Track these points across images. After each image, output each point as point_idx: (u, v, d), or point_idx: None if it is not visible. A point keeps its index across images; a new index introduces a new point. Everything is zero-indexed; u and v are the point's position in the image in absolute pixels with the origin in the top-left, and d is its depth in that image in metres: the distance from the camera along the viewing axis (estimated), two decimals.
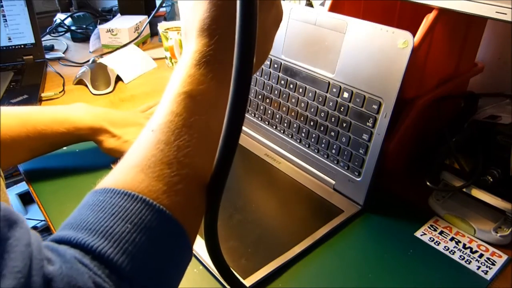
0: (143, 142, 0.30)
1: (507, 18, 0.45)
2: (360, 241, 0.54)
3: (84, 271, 0.24)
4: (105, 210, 0.27)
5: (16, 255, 0.22)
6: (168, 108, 0.30)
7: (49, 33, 1.26)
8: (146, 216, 0.26)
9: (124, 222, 0.26)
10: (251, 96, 0.73)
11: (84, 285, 0.24)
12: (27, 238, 0.23)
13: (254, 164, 0.68)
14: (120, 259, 0.25)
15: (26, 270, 0.22)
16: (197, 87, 0.31)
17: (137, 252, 0.26)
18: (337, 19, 0.57)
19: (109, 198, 0.27)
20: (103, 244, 0.25)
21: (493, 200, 0.53)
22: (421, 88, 0.60)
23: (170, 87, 0.32)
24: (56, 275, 0.23)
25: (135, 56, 1.07)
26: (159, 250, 0.27)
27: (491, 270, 0.49)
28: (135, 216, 0.26)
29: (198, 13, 0.32)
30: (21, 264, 0.22)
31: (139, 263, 0.26)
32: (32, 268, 0.22)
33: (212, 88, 0.31)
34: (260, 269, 0.47)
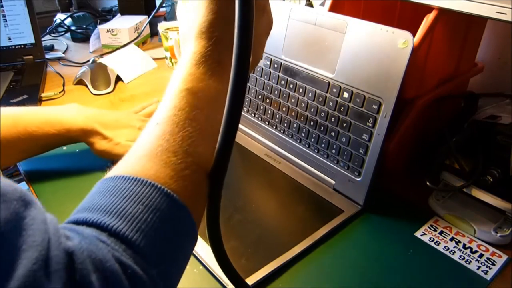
0: (149, 135, 0.32)
1: (507, 18, 0.45)
2: (360, 241, 0.54)
3: (103, 246, 0.26)
4: (117, 194, 0.28)
5: (33, 231, 0.22)
6: (171, 104, 0.33)
7: (49, 33, 1.26)
8: (155, 199, 0.28)
9: (136, 203, 0.28)
10: (251, 96, 0.73)
11: (104, 258, 0.25)
12: (43, 217, 0.24)
13: (254, 164, 0.68)
14: (135, 236, 0.27)
15: (45, 244, 0.23)
16: (197, 84, 0.33)
17: (149, 230, 0.27)
18: (337, 19, 0.57)
19: (120, 184, 0.29)
20: (118, 223, 0.27)
21: (493, 200, 0.53)
22: (421, 88, 0.60)
23: (172, 85, 0.34)
24: (77, 249, 0.25)
25: (135, 56, 1.07)
26: (167, 230, 0.29)
27: (491, 270, 0.49)
28: (146, 199, 0.28)
29: (196, 17, 0.35)
30: (39, 239, 0.22)
31: (151, 240, 0.27)
32: (51, 243, 0.23)
33: (212, 85, 0.34)
34: (260, 269, 0.47)
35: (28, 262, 0.21)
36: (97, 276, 0.24)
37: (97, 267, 0.25)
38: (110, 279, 0.25)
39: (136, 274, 0.26)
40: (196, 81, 0.33)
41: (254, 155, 0.70)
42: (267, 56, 0.69)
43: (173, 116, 0.32)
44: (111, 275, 0.25)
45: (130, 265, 0.26)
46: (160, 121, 0.32)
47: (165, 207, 0.29)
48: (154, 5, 1.28)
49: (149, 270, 0.27)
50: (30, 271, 0.21)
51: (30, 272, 0.21)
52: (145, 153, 0.31)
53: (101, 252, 0.25)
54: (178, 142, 0.31)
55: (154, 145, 0.31)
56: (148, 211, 0.28)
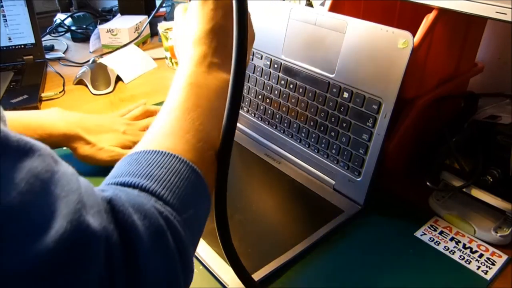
0: (162, 121, 0.36)
1: (507, 18, 0.45)
2: (360, 241, 0.54)
3: (142, 196, 0.29)
4: (142, 162, 0.32)
5: (68, 182, 0.24)
6: (178, 95, 0.38)
7: (49, 33, 1.26)
8: (180, 167, 0.32)
9: (161, 168, 0.31)
10: (251, 96, 0.73)
11: (141, 202, 0.28)
12: (72, 171, 0.26)
13: (254, 164, 0.68)
14: (168, 196, 0.30)
15: (82, 191, 0.24)
16: (199, 80, 0.39)
17: (178, 191, 0.31)
18: (337, 19, 0.57)
19: (144, 155, 0.32)
20: (151, 183, 0.30)
21: (493, 200, 0.53)
22: (421, 88, 0.60)
23: (176, 82, 0.39)
24: (113, 196, 0.27)
25: (135, 56, 1.07)
26: (192, 197, 0.32)
27: (491, 270, 0.49)
28: (173, 166, 0.32)
29: (195, 27, 0.42)
30: (75, 186, 0.24)
31: (181, 201, 0.31)
32: (88, 192, 0.25)
33: (212, 81, 0.40)
34: (260, 269, 0.47)
35: (71, 203, 0.22)
36: (138, 216, 0.27)
37: (137, 209, 0.27)
38: (150, 218, 0.27)
39: (168, 218, 0.29)
40: (198, 77, 0.39)
41: (254, 155, 0.70)
42: (267, 56, 0.69)
43: (181, 104, 0.37)
44: (150, 216, 0.27)
45: (163, 210, 0.29)
46: (170, 110, 0.37)
47: (189, 175, 0.32)
48: (154, 5, 1.28)
49: (177, 217, 0.30)
50: (74, 209, 0.22)
51: (74, 210, 0.22)
52: (161, 133, 0.35)
53: (139, 199, 0.28)
54: (189, 123, 0.35)
55: (168, 127, 0.35)
56: (177, 176, 0.31)
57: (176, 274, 0.29)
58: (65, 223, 0.21)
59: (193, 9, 0.43)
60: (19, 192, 0.20)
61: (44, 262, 0.20)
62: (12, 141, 0.21)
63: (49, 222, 0.21)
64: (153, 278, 0.27)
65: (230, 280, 0.46)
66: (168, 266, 0.28)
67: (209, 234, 0.51)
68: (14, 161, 0.20)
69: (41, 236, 0.20)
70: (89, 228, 0.22)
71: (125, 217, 0.26)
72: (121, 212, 0.26)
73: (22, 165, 0.21)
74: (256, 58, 0.71)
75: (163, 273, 0.28)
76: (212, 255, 0.49)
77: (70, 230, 0.21)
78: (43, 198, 0.21)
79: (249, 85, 0.73)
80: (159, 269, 0.28)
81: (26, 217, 0.20)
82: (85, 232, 0.22)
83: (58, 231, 0.20)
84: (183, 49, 0.42)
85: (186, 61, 0.41)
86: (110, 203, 0.26)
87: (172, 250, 0.29)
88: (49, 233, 0.20)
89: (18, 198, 0.20)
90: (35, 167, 0.21)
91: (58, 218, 0.21)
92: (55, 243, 0.20)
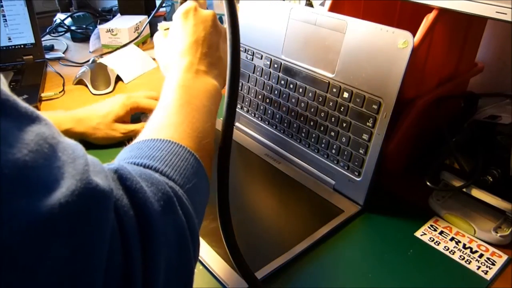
0: (157, 117, 0.39)
1: (507, 18, 0.45)
2: (360, 241, 0.54)
3: (150, 171, 0.31)
4: (143, 148, 0.34)
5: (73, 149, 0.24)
6: (171, 96, 0.41)
7: (49, 33, 1.26)
8: (179, 150, 0.34)
9: (161, 151, 0.33)
10: (251, 96, 0.73)
11: (148, 172, 0.30)
12: (76, 143, 0.26)
13: (254, 164, 0.68)
14: (171, 172, 0.32)
15: (87, 158, 0.25)
16: (189, 83, 0.43)
17: (179, 169, 0.33)
18: (337, 19, 0.57)
19: (144, 142, 0.35)
20: (153, 162, 0.32)
21: (493, 200, 0.53)
22: (421, 88, 0.60)
23: (167, 86, 0.43)
24: (119, 167, 0.28)
25: (135, 56, 1.07)
26: (192, 175, 0.34)
27: (491, 270, 0.49)
28: (172, 149, 0.34)
29: (179, 41, 0.47)
30: (81, 153, 0.25)
31: (182, 177, 0.33)
32: (91, 161, 0.25)
33: (200, 84, 0.44)
34: (260, 269, 0.47)
35: (78, 166, 0.23)
36: (145, 184, 0.28)
37: (143, 178, 0.29)
38: (157, 185, 0.29)
39: (173, 187, 0.31)
40: (188, 81, 0.43)
41: (254, 155, 0.70)
42: (267, 56, 0.69)
43: (175, 101, 0.40)
44: (157, 183, 0.29)
45: (168, 181, 0.31)
46: (165, 107, 0.40)
47: (188, 157, 0.35)
48: (154, 5, 1.28)
49: (180, 190, 0.32)
50: (82, 170, 0.23)
51: (82, 171, 0.23)
52: (160, 125, 0.38)
53: (145, 171, 0.30)
54: (184, 116, 0.39)
55: (166, 120, 0.38)
56: (182, 161, 0.34)
57: (186, 239, 0.30)
58: (74, 181, 0.22)
59: (177, 26, 0.48)
60: (30, 150, 0.20)
61: (56, 215, 0.20)
62: (21, 107, 0.22)
63: (59, 181, 0.21)
64: (165, 240, 0.28)
65: (230, 280, 0.46)
66: (178, 230, 0.30)
67: (209, 234, 0.51)
68: (23, 124, 0.21)
69: (53, 192, 0.21)
70: (98, 187, 0.23)
71: (133, 183, 0.27)
72: (129, 180, 0.27)
73: (30, 128, 0.21)
74: (256, 58, 0.71)
75: (174, 237, 0.29)
76: (212, 255, 0.49)
77: (80, 188, 0.22)
78: (51, 160, 0.22)
79: (249, 85, 0.73)
80: (170, 232, 0.29)
81: (37, 175, 0.20)
82: (94, 189, 0.23)
83: (69, 188, 0.21)
84: (170, 62, 0.47)
85: (174, 70, 0.45)
86: (117, 172, 0.28)
87: (180, 216, 0.30)
88: (59, 190, 0.21)
89: (29, 156, 0.20)
90: (42, 132, 0.22)
91: (67, 178, 0.22)
92: (67, 198, 0.21)
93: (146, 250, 0.26)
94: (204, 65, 0.46)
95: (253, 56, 0.71)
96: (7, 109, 0.21)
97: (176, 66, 0.45)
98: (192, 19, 0.47)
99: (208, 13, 0.49)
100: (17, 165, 0.20)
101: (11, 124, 0.20)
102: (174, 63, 0.46)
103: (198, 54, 0.46)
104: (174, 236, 0.29)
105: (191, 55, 0.46)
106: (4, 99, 0.21)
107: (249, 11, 0.72)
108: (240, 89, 0.75)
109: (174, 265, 0.29)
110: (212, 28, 0.48)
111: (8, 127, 0.20)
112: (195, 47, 0.46)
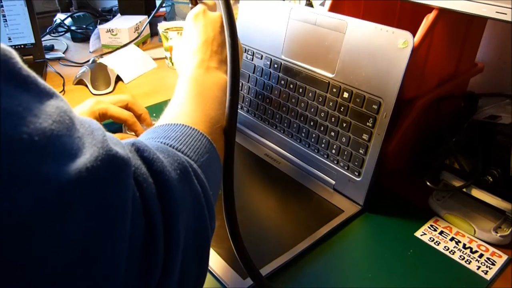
0: (171, 107, 0.42)
1: (507, 18, 0.45)
2: (360, 241, 0.54)
3: (168, 148, 0.32)
4: (158, 131, 0.36)
5: (89, 123, 0.25)
6: (183, 89, 0.44)
7: (49, 33, 1.26)
8: (193, 132, 0.37)
9: (176, 132, 0.36)
10: (251, 96, 0.73)
11: (164, 147, 0.32)
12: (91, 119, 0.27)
13: (254, 164, 0.68)
14: (185, 149, 0.34)
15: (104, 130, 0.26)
16: (200, 78, 0.46)
17: (192, 147, 0.35)
18: (337, 19, 0.57)
19: (159, 127, 0.37)
20: (168, 141, 0.34)
21: (493, 200, 0.53)
22: (421, 88, 0.60)
23: (180, 82, 0.46)
24: (136, 141, 0.30)
25: (135, 56, 1.07)
26: (205, 154, 0.36)
27: (491, 270, 0.49)
28: (186, 131, 0.36)
29: (191, 41, 0.51)
30: (97, 126, 0.26)
31: (196, 153, 0.35)
32: (108, 134, 0.26)
33: (211, 78, 0.47)
34: (260, 269, 0.47)
35: (97, 136, 0.24)
36: (162, 155, 0.30)
37: (160, 150, 0.31)
38: (173, 156, 0.31)
39: (188, 161, 0.32)
40: (199, 77, 0.47)
41: (254, 155, 0.70)
42: (267, 56, 0.69)
43: (187, 92, 0.43)
44: (173, 155, 0.31)
45: (182, 155, 0.32)
46: (178, 98, 0.43)
47: (201, 138, 0.37)
48: (154, 5, 1.28)
49: (194, 164, 0.33)
50: (102, 140, 0.24)
51: (102, 141, 0.24)
52: (173, 113, 0.40)
53: (161, 145, 0.32)
54: (196, 104, 0.42)
55: (179, 109, 0.41)
56: (198, 142, 0.36)
57: (202, 208, 0.32)
58: (96, 149, 0.23)
59: (188, 28, 0.52)
60: (54, 120, 0.22)
61: (84, 179, 0.21)
62: (40, 83, 0.23)
63: (82, 150, 0.22)
64: (184, 208, 0.29)
65: (230, 280, 0.46)
66: (195, 199, 0.31)
67: None
68: (44, 99, 0.22)
69: (77, 159, 0.22)
70: (118, 154, 0.24)
71: (150, 154, 0.29)
72: (146, 151, 0.29)
73: (50, 103, 0.23)
74: (256, 58, 0.71)
75: (191, 205, 0.30)
76: (212, 255, 0.49)
77: (102, 154, 0.23)
78: (72, 131, 0.23)
79: (249, 85, 0.73)
80: (187, 200, 0.30)
81: (62, 143, 0.22)
82: (115, 156, 0.24)
83: (92, 154, 0.23)
84: (184, 61, 0.50)
85: (187, 68, 0.48)
86: (134, 145, 0.29)
87: (196, 185, 0.31)
88: (84, 156, 0.22)
89: (54, 125, 0.22)
90: (61, 106, 0.23)
91: (88, 147, 0.23)
92: (92, 163, 0.22)
93: (166, 217, 0.27)
94: (214, 62, 0.49)
95: (253, 56, 0.71)
96: (29, 85, 0.22)
97: (188, 64, 0.49)
98: (202, 21, 0.51)
99: (216, 15, 0.52)
100: (45, 133, 0.21)
101: (33, 99, 0.22)
102: (187, 61, 0.49)
103: (209, 53, 0.49)
104: (191, 204, 0.30)
105: (202, 54, 0.49)
106: (25, 75, 0.22)
107: (249, 11, 0.72)
108: (240, 89, 0.75)
109: (191, 234, 0.30)
110: (220, 28, 0.51)
111: (31, 101, 0.21)
112: (205, 46, 0.49)
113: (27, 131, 0.20)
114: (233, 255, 0.49)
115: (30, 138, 0.20)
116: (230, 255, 0.49)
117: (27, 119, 0.20)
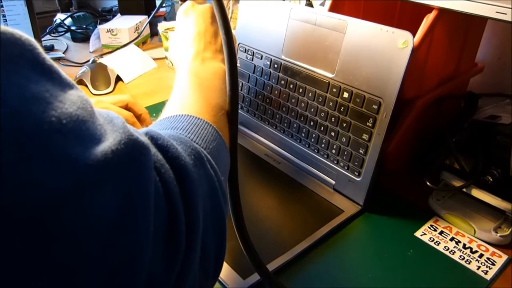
0: (173, 99, 0.43)
1: (507, 18, 0.45)
2: (360, 241, 0.54)
3: (180, 135, 0.33)
4: (164, 123, 0.37)
5: (107, 113, 0.27)
6: (183, 81, 0.45)
7: (49, 33, 1.26)
8: (199, 122, 0.37)
9: (182, 122, 0.37)
10: (251, 96, 0.73)
11: (179, 136, 0.33)
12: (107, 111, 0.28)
13: (254, 164, 0.68)
14: (194, 137, 0.35)
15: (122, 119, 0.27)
16: (198, 69, 0.47)
17: (200, 136, 0.36)
18: (337, 19, 0.57)
19: (165, 119, 0.38)
20: (177, 131, 0.35)
21: (493, 200, 0.53)
22: (421, 88, 0.60)
23: (179, 75, 0.47)
24: (149, 130, 0.30)
25: (135, 56, 1.07)
26: (212, 141, 0.37)
27: (491, 270, 0.49)
28: (192, 121, 0.37)
29: (187, 32, 0.51)
30: (115, 115, 0.27)
31: (204, 142, 0.36)
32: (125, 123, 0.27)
33: (208, 68, 0.47)
34: None
35: (118, 123, 0.25)
36: (176, 142, 0.31)
37: (173, 138, 0.32)
38: (186, 143, 0.32)
39: (199, 148, 0.33)
40: (196, 68, 0.47)
41: (254, 155, 0.70)
42: (267, 56, 0.69)
43: (189, 85, 0.44)
44: (186, 142, 0.32)
45: (193, 143, 0.33)
46: (179, 90, 0.44)
47: (207, 126, 0.38)
48: (154, 5, 1.28)
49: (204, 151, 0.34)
50: (122, 127, 0.25)
51: (123, 127, 0.25)
52: (177, 104, 0.41)
53: (173, 133, 0.33)
54: (197, 94, 0.43)
55: (182, 100, 0.42)
56: (205, 131, 0.37)
57: (217, 191, 0.33)
58: (118, 134, 0.24)
59: (180, 24, 0.53)
60: (78, 107, 0.23)
61: (110, 161, 0.22)
62: (62, 74, 0.24)
63: (104, 135, 0.24)
64: (201, 191, 0.30)
65: (230, 280, 0.46)
66: (210, 182, 0.32)
67: None
68: (66, 88, 0.23)
69: (102, 143, 0.23)
70: (139, 139, 0.25)
71: (164, 141, 0.30)
72: (160, 139, 0.30)
73: (72, 92, 0.24)
74: (256, 58, 0.71)
75: (207, 188, 0.32)
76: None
77: (124, 138, 0.24)
78: (94, 118, 0.24)
79: (249, 85, 0.73)
80: (204, 183, 0.31)
81: (87, 128, 0.23)
82: (136, 140, 0.25)
83: (115, 138, 0.24)
84: (179, 56, 0.51)
85: (184, 61, 0.49)
86: (148, 134, 0.30)
87: (209, 169, 0.33)
88: (108, 140, 0.23)
89: (79, 111, 0.23)
90: (82, 95, 0.24)
91: (110, 132, 0.24)
92: (116, 146, 0.23)
93: (186, 200, 0.28)
94: (209, 52, 0.49)
95: (253, 56, 0.71)
96: (52, 74, 0.23)
97: (184, 58, 0.49)
98: (192, 14, 0.52)
99: (205, 6, 0.53)
100: (71, 117, 0.22)
101: (57, 87, 0.23)
102: (183, 55, 0.50)
103: (203, 44, 0.49)
104: (207, 188, 0.32)
105: (196, 46, 0.49)
106: (49, 65, 0.23)
107: (249, 11, 0.72)
108: (240, 89, 0.75)
109: (210, 216, 0.31)
110: (211, 19, 0.51)
111: (56, 89, 0.22)
112: (198, 38, 0.50)
113: (55, 114, 0.21)
114: (233, 255, 0.49)
115: (59, 120, 0.21)
116: (230, 255, 0.49)
117: (54, 104, 0.21)
